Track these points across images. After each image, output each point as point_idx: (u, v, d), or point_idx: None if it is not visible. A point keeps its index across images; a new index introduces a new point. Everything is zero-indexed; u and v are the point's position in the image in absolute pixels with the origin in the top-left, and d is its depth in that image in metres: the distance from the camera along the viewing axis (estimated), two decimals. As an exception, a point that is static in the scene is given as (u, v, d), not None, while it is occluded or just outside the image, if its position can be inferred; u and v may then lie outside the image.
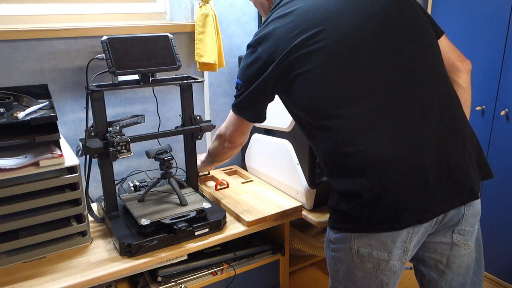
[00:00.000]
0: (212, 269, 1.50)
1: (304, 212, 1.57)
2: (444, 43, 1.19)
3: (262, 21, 1.21)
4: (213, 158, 1.54)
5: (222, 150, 1.43)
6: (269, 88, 1.15)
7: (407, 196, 1.01)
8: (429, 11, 2.21)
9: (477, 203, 1.12)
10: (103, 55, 1.34)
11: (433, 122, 1.05)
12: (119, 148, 1.35)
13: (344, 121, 1.03)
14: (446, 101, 1.08)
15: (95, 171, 1.51)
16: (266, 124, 1.70)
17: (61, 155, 1.29)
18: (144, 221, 1.34)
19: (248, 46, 1.17)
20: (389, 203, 1.01)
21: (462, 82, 1.22)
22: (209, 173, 1.91)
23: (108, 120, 1.41)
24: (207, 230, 1.43)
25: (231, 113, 1.29)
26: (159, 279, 1.42)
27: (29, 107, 1.32)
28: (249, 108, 1.22)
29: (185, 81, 1.54)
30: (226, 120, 1.34)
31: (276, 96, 1.20)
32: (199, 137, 1.60)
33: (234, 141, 1.36)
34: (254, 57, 1.14)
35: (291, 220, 1.59)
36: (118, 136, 1.37)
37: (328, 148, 1.07)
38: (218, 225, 1.45)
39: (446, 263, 1.15)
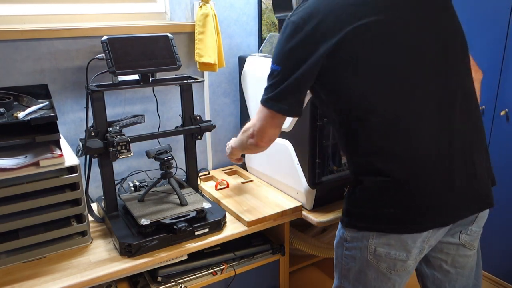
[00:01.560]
0: (212, 269, 1.50)
1: (304, 212, 1.57)
2: None
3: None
4: (242, 149, 1.37)
5: (250, 146, 1.22)
6: (315, 73, 1.00)
7: (434, 198, 1.01)
8: (429, 11, 2.21)
9: None
10: (103, 55, 1.34)
11: (463, 132, 1.04)
12: (119, 148, 1.35)
13: (390, 119, 0.99)
14: (474, 107, 1.09)
15: (95, 171, 1.51)
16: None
17: (61, 155, 1.29)
18: (144, 221, 1.34)
19: (290, 23, 1.01)
20: (416, 203, 1.01)
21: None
22: (209, 173, 1.92)
23: (108, 120, 1.41)
24: (207, 230, 1.43)
25: (262, 107, 1.11)
26: (159, 279, 1.42)
27: (29, 107, 1.32)
28: (289, 98, 1.06)
29: (185, 81, 1.54)
30: (257, 115, 1.15)
31: None
32: (199, 137, 1.60)
33: (263, 140, 1.16)
34: (301, 37, 0.98)
35: (291, 220, 1.59)
36: (118, 136, 1.37)
37: (366, 143, 1.03)
38: (218, 225, 1.45)
39: (451, 262, 1.15)
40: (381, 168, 1.02)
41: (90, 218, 1.46)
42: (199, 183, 1.72)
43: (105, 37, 1.35)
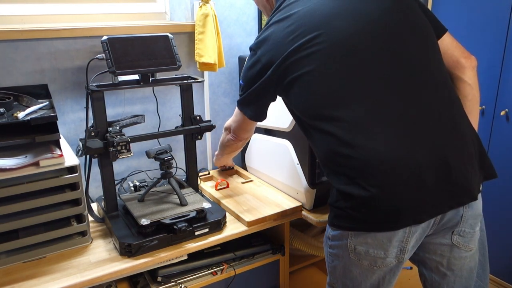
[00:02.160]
0: (212, 269, 1.50)
1: (304, 212, 1.57)
2: (447, 40, 1.18)
3: (264, 23, 1.22)
4: (222, 149, 1.62)
5: (228, 142, 1.51)
6: (269, 90, 1.18)
7: (404, 197, 1.01)
8: (429, 11, 2.21)
9: (477, 204, 1.12)
10: (103, 55, 1.34)
11: (431, 124, 1.04)
12: (119, 148, 1.35)
13: (341, 123, 1.03)
14: (445, 102, 1.08)
15: (95, 171, 1.51)
16: (266, 124, 1.70)
17: (61, 155, 1.29)
18: (144, 221, 1.34)
19: (250, 49, 1.21)
20: (385, 203, 1.01)
21: (467, 79, 1.19)
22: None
23: (108, 120, 1.41)
24: (207, 230, 1.43)
25: (236, 109, 1.36)
26: (159, 279, 1.42)
27: (29, 107, 1.32)
28: (250, 106, 1.27)
29: (185, 81, 1.54)
30: (233, 114, 1.42)
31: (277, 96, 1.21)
32: (199, 137, 1.60)
33: (238, 135, 1.45)
34: (254, 60, 1.18)
35: (291, 220, 1.59)
36: (118, 136, 1.37)
37: (327, 148, 1.07)
38: (218, 225, 1.45)
39: (447, 265, 1.15)
40: (347, 172, 1.04)
41: (90, 218, 1.46)
42: (199, 183, 1.72)
43: (105, 37, 1.35)
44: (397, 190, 1.01)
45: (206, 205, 1.46)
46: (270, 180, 1.79)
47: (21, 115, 1.24)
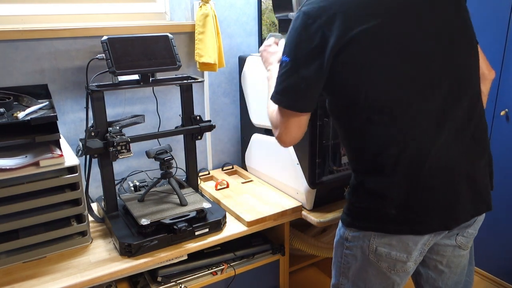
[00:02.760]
0: (212, 269, 1.50)
1: (304, 212, 1.57)
2: (479, 50, 1.16)
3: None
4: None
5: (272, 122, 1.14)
6: (327, 69, 0.98)
7: (440, 202, 1.02)
8: (429, 11, 2.21)
9: None
10: (103, 55, 1.34)
11: (466, 134, 1.05)
12: (119, 148, 1.35)
13: (400, 120, 0.99)
14: (478, 114, 1.08)
15: (95, 171, 1.51)
16: (266, 124, 1.70)
17: (61, 155, 1.29)
18: (144, 221, 1.34)
19: (304, 14, 0.98)
20: (419, 206, 1.01)
21: (485, 91, 1.19)
22: (209, 173, 1.92)
23: (108, 120, 1.41)
24: (207, 230, 1.43)
25: (276, 110, 1.06)
26: (159, 279, 1.42)
27: (29, 107, 1.32)
28: (301, 94, 1.01)
29: (185, 81, 1.54)
30: (273, 119, 1.09)
31: None
32: (199, 137, 1.60)
33: (288, 142, 1.09)
34: (314, 30, 0.96)
35: (291, 220, 1.59)
36: (118, 136, 1.37)
37: (378, 144, 1.01)
38: (218, 225, 1.45)
39: (446, 263, 1.16)
40: (385, 170, 1.01)
41: (90, 218, 1.46)
42: (199, 183, 1.72)
43: (105, 37, 1.35)
44: (435, 194, 1.01)
45: (206, 205, 1.46)
46: (270, 180, 1.79)
47: (21, 115, 1.24)
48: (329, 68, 0.98)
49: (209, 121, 1.62)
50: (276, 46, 1.34)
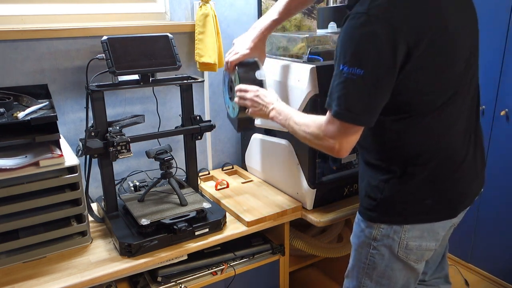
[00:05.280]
0: (212, 269, 1.50)
1: (304, 212, 1.57)
2: None
3: None
4: (288, 129, 1.21)
5: (317, 146, 1.11)
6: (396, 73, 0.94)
7: (465, 186, 1.13)
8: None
9: None
10: (103, 55, 1.34)
11: (476, 127, 1.17)
12: (119, 148, 1.35)
13: (440, 118, 1.05)
14: (477, 110, 1.18)
15: (95, 171, 1.50)
16: (266, 124, 1.70)
17: (61, 155, 1.29)
18: (144, 221, 1.34)
19: (369, 16, 0.90)
20: (452, 193, 1.11)
21: None
22: (209, 173, 1.92)
23: (108, 120, 1.41)
24: (207, 230, 1.43)
25: (335, 124, 1.00)
26: (159, 279, 1.42)
27: (29, 107, 1.32)
28: (372, 107, 0.97)
29: (185, 81, 1.54)
30: (319, 134, 1.05)
31: (277, 93, 1.18)
32: (199, 137, 1.60)
33: (347, 152, 1.05)
34: (386, 38, 0.89)
35: (291, 220, 1.59)
36: (118, 136, 1.37)
37: (414, 140, 1.06)
38: (218, 225, 1.45)
39: (441, 240, 1.21)
40: (425, 162, 1.07)
41: (90, 218, 1.46)
42: (199, 183, 1.72)
43: (105, 37, 1.35)
44: (463, 178, 1.12)
45: (206, 205, 1.46)
46: (270, 180, 1.79)
47: (21, 115, 1.24)
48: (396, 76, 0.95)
49: (209, 121, 1.62)
50: (264, 90, 1.29)
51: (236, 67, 1.36)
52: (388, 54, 0.91)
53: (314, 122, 1.08)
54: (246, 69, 1.35)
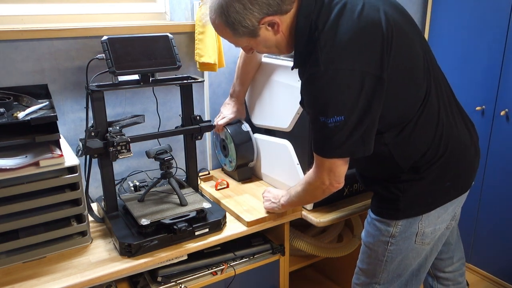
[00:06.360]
0: (212, 269, 1.50)
1: (304, 212, 1.57)
2: None
3: (297, 46, 1.02)
4: (299, 204, 1.43)
5: (320, 196, 1.23)
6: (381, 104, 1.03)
7: (473, 164, 1.24)
8: (429, 11, 2.22)
9: None
10: (103, 55, 1.34)
11: (463, 111, 1.27)
12: (119, 148, 1.35)
13: (441, 115, 1.16)
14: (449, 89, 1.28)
15: (95, 171, 1.50)
16: (266, 124, 1.70)
17: (61, 155, 1.29)
18: (144, 221, 1.34)
19: (327, 71, 0.96)
20: (465, 170, 1.22)
21: None
22: (209, 173, 1.92)
23: (108, 120, 1.41)
24: (207, 230, 1.43)
25: (328, 161, 1.08)
26: (159, 279, 1.42)
27: (29, 107, 1.32)
28: (366, 142, 1.05)
29: (185, 81, 1.54)
30: (319, 169, 1.12)
31: (277, 93, 1.20)
32: (199, 137, 1.60)
33: (341, 183, 1.14)
34: (357, 79, 0.96)
35: (291, 220, 1.59)
36: (118, 136, 1.37)
37: (422, 142, 1.14)
38: (218, 225, 1.45)
39: (456, 219, 1.32)
40: (440, 151, 1.15)
41: (90, 218, 1.46)
42: (199, 183, 1.72)
43: (105, 37, 1.35)
44: (470, 161, 1.22)
45: (206, 205, 1.46)
46: (270, 180, 1.79)
47: (21, 115, 1.24)
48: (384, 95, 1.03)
49: (209, 121, 1.62)
50: (272, 191, 1.52)
51: (225, 128, 1.73)
52: (362, 93, 0.97)
53: (300, 184, 1.26)
54: (234, 126, 1.74)
